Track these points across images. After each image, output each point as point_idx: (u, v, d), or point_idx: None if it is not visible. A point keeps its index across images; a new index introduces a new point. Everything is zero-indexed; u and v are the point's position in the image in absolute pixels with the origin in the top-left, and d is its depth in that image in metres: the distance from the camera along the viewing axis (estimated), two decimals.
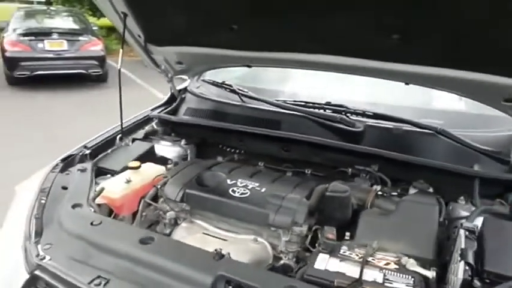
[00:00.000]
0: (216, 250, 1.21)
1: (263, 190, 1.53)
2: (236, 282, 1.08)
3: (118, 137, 1.94)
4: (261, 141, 1.90)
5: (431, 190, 1.55)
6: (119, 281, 1.11)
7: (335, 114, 1.86)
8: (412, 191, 1.56)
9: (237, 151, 2.04)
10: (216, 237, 1.44)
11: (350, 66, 1.59)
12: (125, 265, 1.17)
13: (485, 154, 1.65)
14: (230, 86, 2.18)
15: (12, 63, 7.87)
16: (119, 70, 1.84)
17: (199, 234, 1.47)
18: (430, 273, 1.13)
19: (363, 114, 1.83)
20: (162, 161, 1.92)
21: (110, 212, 1.58)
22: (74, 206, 1.42)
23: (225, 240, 1.44)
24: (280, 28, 1.56)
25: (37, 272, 1.16)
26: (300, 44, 1.62)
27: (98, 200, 1.52)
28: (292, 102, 1.97)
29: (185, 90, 2.34)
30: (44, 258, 1.20)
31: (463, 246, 1.10)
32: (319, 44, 1.56)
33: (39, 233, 1.32)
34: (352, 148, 1.67)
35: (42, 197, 1.46)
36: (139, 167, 1.66)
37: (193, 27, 1.74)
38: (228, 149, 2.08)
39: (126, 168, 1.67)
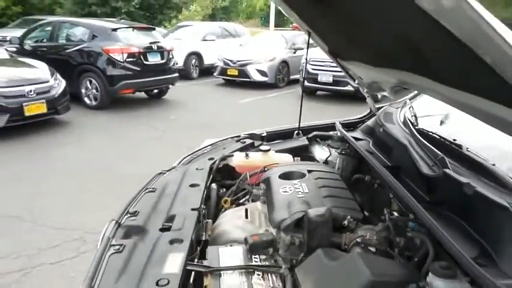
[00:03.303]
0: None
1: (300, 196, 1.53)
2: None
3: (295, 133, 2.34)
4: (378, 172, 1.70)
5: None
6: (144, 213, 1.63)
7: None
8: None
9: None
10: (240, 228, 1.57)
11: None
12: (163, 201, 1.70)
13: None
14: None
15: None
16: (303, 78, 2.23)
17: (240, 214, 1.68)
18: None
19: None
20: (311, 159, 2.16)
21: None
22: (209, 159, 2.07)
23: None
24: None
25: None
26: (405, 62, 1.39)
27: (230, 162, 2.08)
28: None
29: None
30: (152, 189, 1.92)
31: None
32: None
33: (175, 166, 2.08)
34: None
35: (205, 149, 2.22)
36: (268, 150, 2.05)
37: (342, 42, 1.85)
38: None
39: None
